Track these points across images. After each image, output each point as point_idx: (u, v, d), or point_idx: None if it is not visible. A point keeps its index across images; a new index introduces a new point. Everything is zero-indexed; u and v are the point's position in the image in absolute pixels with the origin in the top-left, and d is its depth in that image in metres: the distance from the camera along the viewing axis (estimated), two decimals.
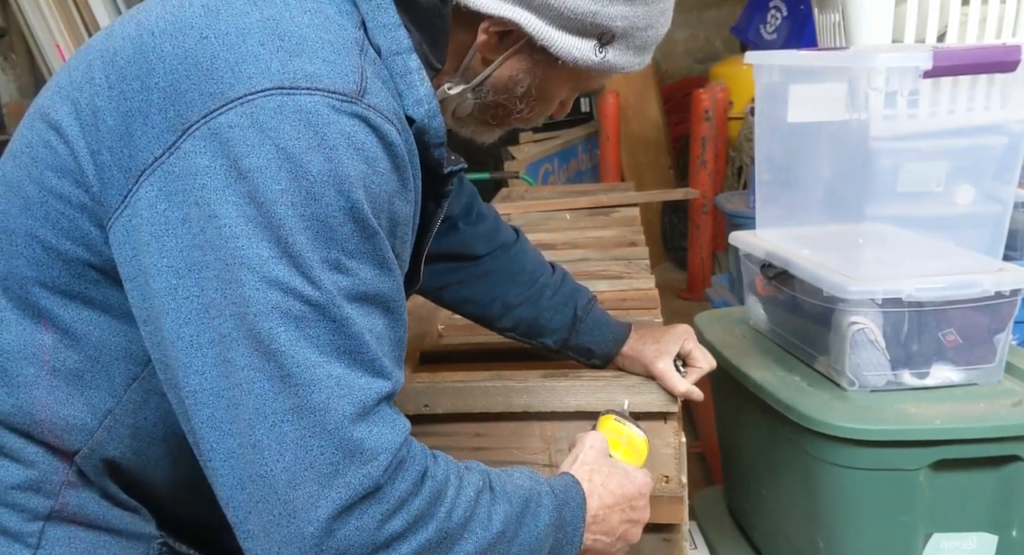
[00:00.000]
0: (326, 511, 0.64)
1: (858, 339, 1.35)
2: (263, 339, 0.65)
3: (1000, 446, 1.28)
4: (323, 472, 0.65)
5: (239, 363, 0.65)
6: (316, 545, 0.65)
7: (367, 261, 0.69)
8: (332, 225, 0.67)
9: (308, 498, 0.64)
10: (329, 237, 0.67)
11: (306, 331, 0.65)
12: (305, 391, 0.65)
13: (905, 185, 1.38)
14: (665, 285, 4.04)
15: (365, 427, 0.66)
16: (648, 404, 1.11)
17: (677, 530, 1.15)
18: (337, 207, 0.67)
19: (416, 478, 0.69)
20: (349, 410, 0.66)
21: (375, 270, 0.70)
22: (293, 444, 0.64)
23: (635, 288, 1.56)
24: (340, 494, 0.65)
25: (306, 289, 0.65)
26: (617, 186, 3.08)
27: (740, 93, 3.92)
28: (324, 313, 0.66)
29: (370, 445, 0.66)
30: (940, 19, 1.82)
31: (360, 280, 0.68)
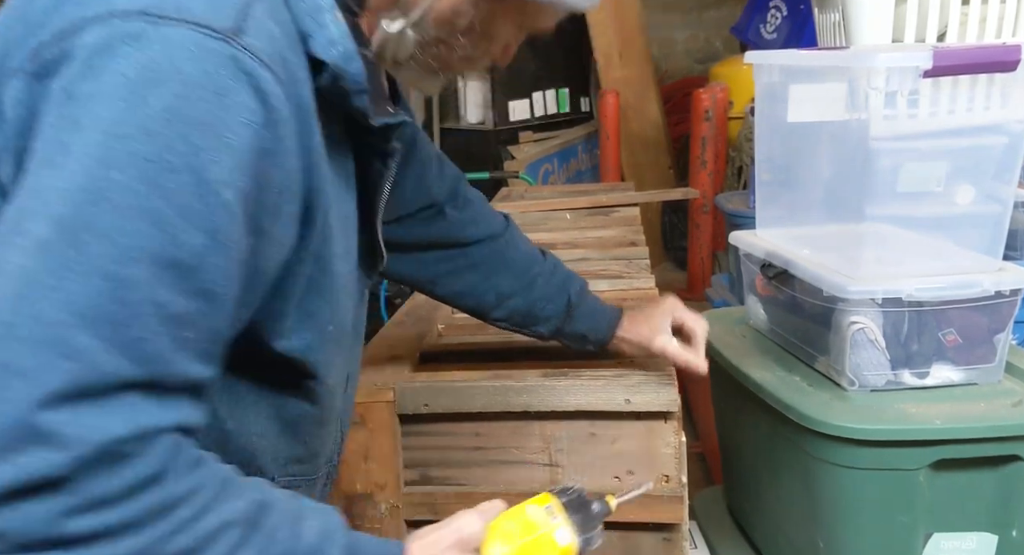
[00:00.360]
0: None
1: (858, 339, 1.35)
2: (10, 274, 0.56)
3: (1000, 446, 1.28)
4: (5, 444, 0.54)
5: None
6: None
7: (193, 224, 0.59)
8: (160, 169, 0.58)
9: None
10: (154, 183, 0.58)
11: (65, 282, 0.55)
12: (17, 347, 0.54)
13: (905, 185, 1.38)
14: (665, 285, 4.03)
15: (71, 410, 0.55)
16: (648, 404, 1.11)
17: (677, 530, 1.15)
18: (173, 152, 0.58)
19: (135, 481, 0.57)
20: (57, 385, 0.54)
21: (202, 238, 0.60)
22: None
23: (635, 288, 1.56)
24: (12, 470, 0.54)
25: (80, 236, 0.56)
26: (617, 186, 3.08)
27: (740, 93, 3.92)
28: (97, 266, 0.56)
29: (65, 431, 0.54)
30: (940, 19, 1.82)
31: (176, 242, 0.59)
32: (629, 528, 1.16)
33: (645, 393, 1.11)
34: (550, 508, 0.78)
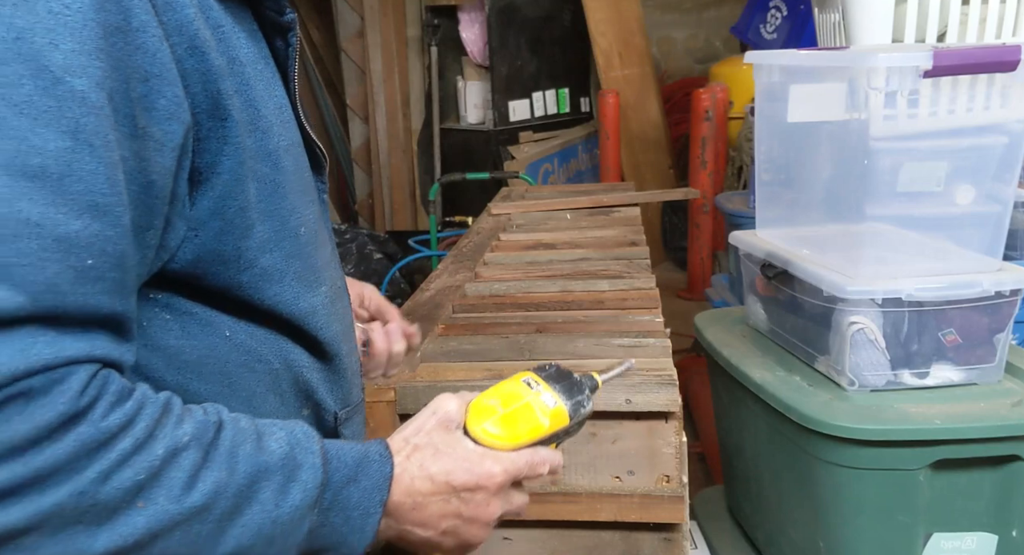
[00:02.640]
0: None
1: (858, 339, 1.35)
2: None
3: (1000, 446, 1.28)
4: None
5: None
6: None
7: (43, 123, 0.50)
8: None
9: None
10: None
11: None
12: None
13: (905, 185, 1.38)
14: (665, 285, 4.03)
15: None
16: (649, 404, 1.11)
17: (678, 530, 1.15)
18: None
19: (52, 420, 0.49)
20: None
21: (60, 139, 0.51)
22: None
23: (636, 288, 1.56)
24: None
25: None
26: (617, 186, 3.08)
27: (740, 93, 3.92)
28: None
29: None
30: (940, 19, 1.82)
31: (28, 146, 0.50)
32: (630, 528, 1.16)
33: (646, 393, 1.12)
34: (527, 381, 0.74)
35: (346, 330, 0.80)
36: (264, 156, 0.66)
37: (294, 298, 0.70)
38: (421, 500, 0.68)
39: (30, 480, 0.48)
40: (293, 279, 0.70)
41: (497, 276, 1.71)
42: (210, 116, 0.61)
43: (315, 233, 0.74)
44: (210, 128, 0.61)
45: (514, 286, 1.62)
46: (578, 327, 1.38)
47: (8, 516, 0.48)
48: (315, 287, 0.73)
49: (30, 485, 0.48)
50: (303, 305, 0.71)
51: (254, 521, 0.58)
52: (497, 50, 4.38)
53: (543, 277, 1.67)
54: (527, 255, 1.88)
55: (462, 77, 4.67)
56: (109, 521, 0.52)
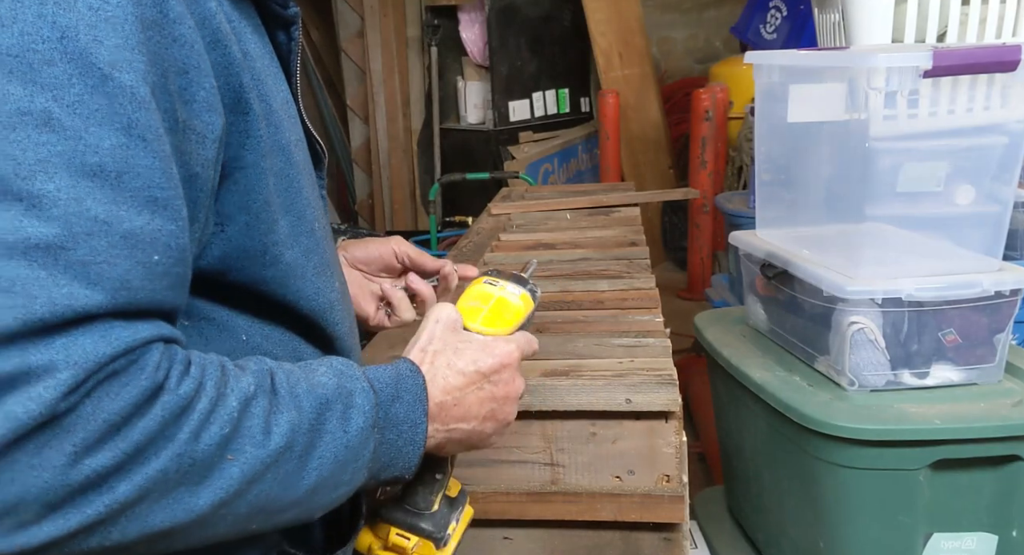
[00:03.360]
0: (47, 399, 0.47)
1: (858, 339, 1.35)
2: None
3: (1000, 446, 1.28)
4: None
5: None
6: None
7: (98, 121, 0.51)
8: (32, 63, 0.49)
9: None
10: (31, 80, 0.49)
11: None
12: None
13: (905, 185, 1.38)
14: (665, 285, 4.03)
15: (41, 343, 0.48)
16: (649, 403, 1.11)
17: (678, 529, 1.15)
18: (39, 39, 0.49)
19: (139, 396, 0.51)
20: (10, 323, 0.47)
21: (115, 137, 0.51)
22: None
23: (635, 288, 1.56)
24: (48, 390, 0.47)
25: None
26: (617, 186, 3.08)
27: (740, 93, 3.92)
28: (6, 188, 0.48)
29: (38, 361, 0.48)
30: (940, 19, 1.82)
31: (84, 146, 0.50)
32: (630, 528, 1.16)
33: (646, 393, 1.12)
34: (488, 282, 0.84)
35: (353, 326, 0.82)
36: (278, 150, 0.66)
37: (315, 293, 0.71)
38: (459, 395, 0.72)
39: (132, 453, 0.51)
40: (313, 274, 0.71)
41: None
42: (233, 110, 0.62)
43: (325, 228, 0.75)
44: (232, 122, 0.62)
45: None
46: (578, 327, 1.38)
47: (120, 490, 0.50)
48: (331, 282, 0.74)
49: (133, 458, 0.51)
50: (322, 300, 0.72)
51: (329, 451, 0.61)
52: (497, 50, 4.38)
53: (543, 277, 1.67)
54: (527, 255, 1.88)
55: (462, 77, 4.67)
56: (207, 477, 0.54)
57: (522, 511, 1.16)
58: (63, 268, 0.49)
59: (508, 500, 1.15)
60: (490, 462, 1.17)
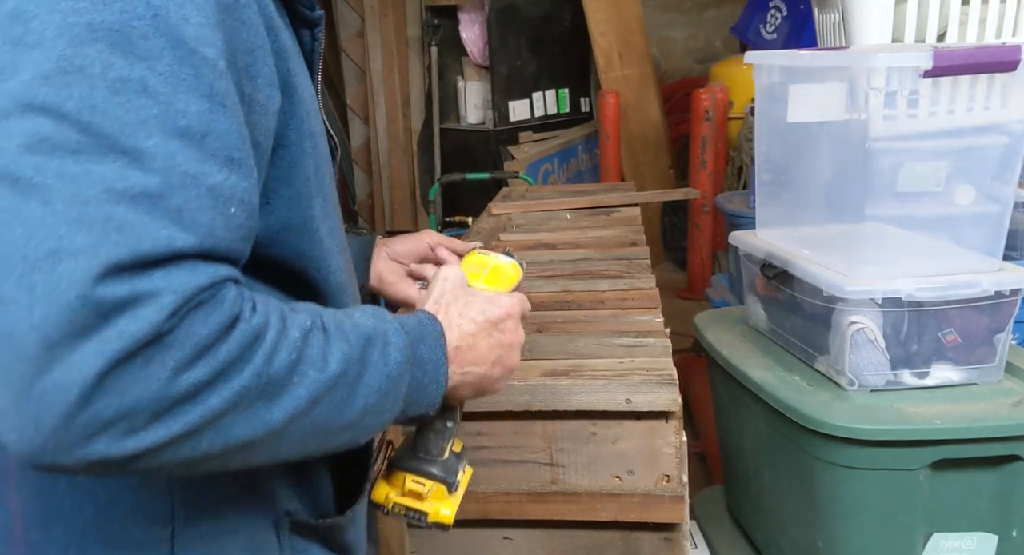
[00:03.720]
0: (93, 367, 0.53)
1: (858, 339, 1.35)
2: (21, 175, 0.54)
3: (1000, 446, 1.28)
4: (84, 324, 0.53)
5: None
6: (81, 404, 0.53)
7: (186, 89, 0.58)
8: (131, 37, 0.56)
9: (65, 354, 0.53)
10: (130, 52, 0.56)
11: (86, 165, 0.55)
12: (64, 230, 0.53)
13: (905, 185, 1.38)
14: (665, 285, 4.02)
15: (146, 274, 0.55)
16: (649, 403, 1.11)
17: (678, 529, 1.15)
18: (136, 16, 0.57)
19: (222, 323, 0.58)
20: (115, 258, 0.54)
21: (200, 103, 0.58)
22: (44, 296, 0.52)
23: (636, 288, 1.56)
24: (109, 346, 0.53)
25: (83, 116, 0.55)
26: (617, 186, 3.08)
27: (740, 93, 3.92)
28: (113, 143, 0.55)
29: (146, 288, 0.54)
30: (940, 19, 1.82)
31: (174, 110, 0.57)
32: (630, 528, 1.16)
33: (646, 393, 1.12)
34: (480, 253, 0.95)
35: None
36: (309, 136, 0.73)
37: (338, 270, 0.78)
38: (472, 340, 0.80)
39: (220, 371, 0.58)
40: (337, 253, 0.78)
41: None
42: (282, 91, 0.68)
43: (340, 214, 0.83)
44: (282, 102, 0.68)
45: None
46: (578, 327, 1.38)
47: (211, 403, 0.57)
48: (344, 264, 0.81)
49: (220, 375, 0.58)
50: (341, 279, 0.79)
51: (374, 380, 0.69)
52: (497, 50, 4.38)
53: (543, 277, 1.67)
54: (527, 255, 1.88)
55: (462, 77, 4.67)
56: (279, 396, 0.62)
57: (522, 511, 1.16)
58: (162, 213, 0.56)
59: (508, 500, 1.16)
60: (491, 462, 1.17)
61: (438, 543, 1.21)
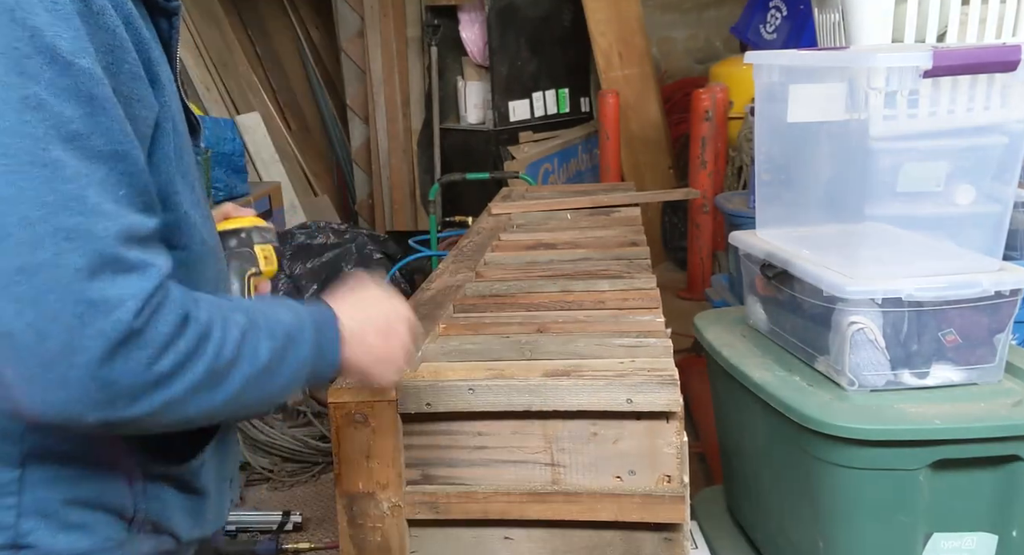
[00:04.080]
0: (87, 356, 0.66)
1: (858, 339, 1.36)
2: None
3: (1000, 446, 1.28)
4: (70, 324, 0.65)
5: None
6: (88, 386, 0.67)
7: (67, 98, 0.66)
8: (18, 58, 0.65)
9: (63, 348, 0.66)
10: (20, 71, 0.65)
11: (18, 184, 0.64)
12: (27, 249, 0.64)
13: (905, 185, 1.38)
14: (665, 285, 4.02)
15: (105, 278, 0.67)
16: (650, 404, 1.11)
17: (679, 529, 1.15)
18: (17, 39, 0.65)
19: (177, 321, 0.71)
20: (81, 263, 0.66)
21: (82, 107, 0.67)
22: (31, 302, 0.64)
23: (636, 288, 1.56)
24: (96, 343, 0.66)
25: (6, 137, 0.64)
26: (617, 186, 3.08)
27: (740, 93, 3.92)
28: (33, 160, 0.65)
29: (113, 294, 0.67)
30: (940, 19, 1.82)
31: (62, 118, 0.66)
32: (630, 528, 1.16)
33: (647, 393, 1.12)
34: (262, 241, 1.10)
35: (219, 272, 0.99)
36: (169, 118, 0.81)
37: (200, 241, 0.87)
38: (360, 330, 0.92)
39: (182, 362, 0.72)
40: (199, 224, 0.87)
41: (498, 276, 1.71)
42: (150, 82, 0.78)
43: (202, 187, 0.93)
44: (150, 89, 0.78)
45: (515, 286, 1.62)
46: (579, 327, 1.38)
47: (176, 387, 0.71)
48: (208, 234, 0.90)
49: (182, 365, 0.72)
50: (204, 248, 0.89)
51: (292, 365, 0.83)
52: (497, 50, 4.38)
53: (543, 277, 1.67)
54: (527, 255, 1.88)
55: (462, 77, 4.66)
56: (222, 383, 0.76)
57: (523, 511, 1.16)
58: (96, 213, 0.67)
59: (509, 500, 1.16)
60: (491, 462, 1.17)
61: (438, 544, 1.21)
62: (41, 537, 0.79)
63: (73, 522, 0.81)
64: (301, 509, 2.56)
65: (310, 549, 2.37)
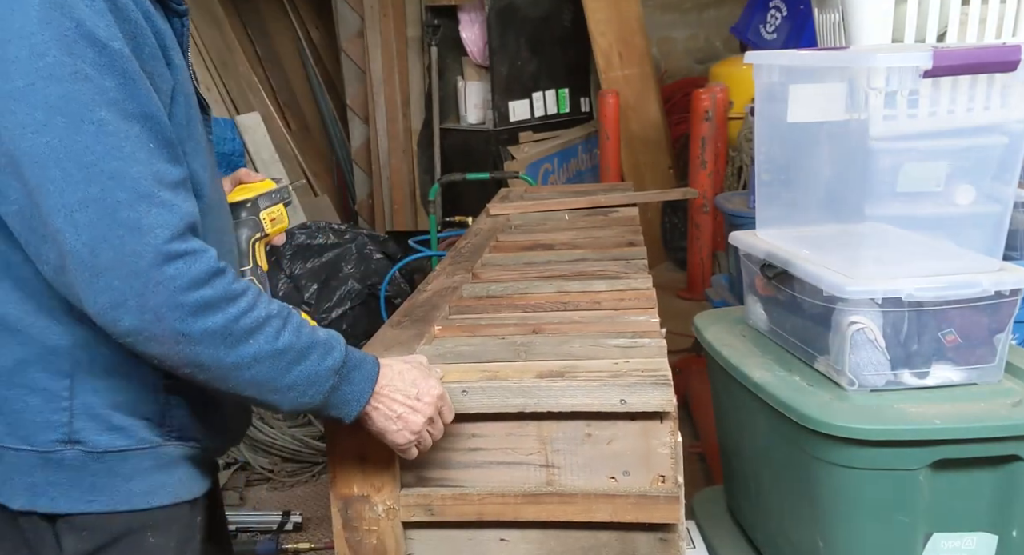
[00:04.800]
0: (126, 269, 0.85)
1: (858, 339, 1.35)
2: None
3: (1000, 446, 1.28)
4: (114, 244, 0.85)
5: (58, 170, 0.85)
6: (126, 293, 0.85)
7: (106, 72, 0.86)
8: (69, 43, 0.84)
9: (109, 262, 0.85)
10: (71, 52, 0.84)
11: (74, 137, 0.84)
12: (83, 186, 0.85)
13: (905, 185, 1.38)
14: (665, 285, 4.03)
15: (140, 209, 0.86)
16: (644, 404, 1.11)
17: (674, 530, 1.15)
18: (65, 28, 0.84)
19: (209, 270, 0.89)
20: (122, 197, 0.85)
21: (117, 80, 0.86)
22: (87, 227, 0.85)
23: (632, 288, 1.56)
24: (132, 260, 0.85)
25: (63, 102, 0.84)
26: (616, 186, 3.07)
27: (740, 93, 3.92)
28: (84, 118, 0.84)
29: (146, 222, 0.86)
30: (940, 19, 1.81)
31: (103, 87, 0.85)
32: (626, 528, 1.15)
33: (640, 393, 1.11)
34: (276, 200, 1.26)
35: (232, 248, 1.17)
36: (182, 92, 0.99)
37: (208, 195, 1.03)
38: (390, 392, 1.05)
39: (207, 303, 0.88)
40: (207, 183, 1.04)
41: (494, 277, 1.71)
42: (166, 63, 0.96)
43: (214, 162, 1.10)
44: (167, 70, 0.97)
45: (511, 287, 1.62)
46: (574, 328, 1.38)
47: (197, 326, 0.88)
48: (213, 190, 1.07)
49: (205, 308, 0.88)
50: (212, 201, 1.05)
51: (307, 368, 0.97)
52: (497, 50, 4.37)
53: (540, 278, 1.66)
54: (525, 256, 1.87)
55: (462, 77, 4.66)
56: (235, 346, 0.91)
57: (517, 512, 1.15)
58: (127, 160, 0.87)
59: (504, 502, 1.15)
60: (486, 464, 1.17)
61: (433, 546, 1.20)
62: (89, 435, 0.97)
63: (114, 424, 0.98)
64: (301, 509, 2.56)
65: (310, 549, 2.37)
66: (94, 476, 0.98)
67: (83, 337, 0.96)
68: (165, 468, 1.03)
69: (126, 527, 1.01)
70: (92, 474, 0.98)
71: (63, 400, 0.96)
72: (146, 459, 1.01)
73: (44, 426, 0.97)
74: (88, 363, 0.97)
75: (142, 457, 1.00)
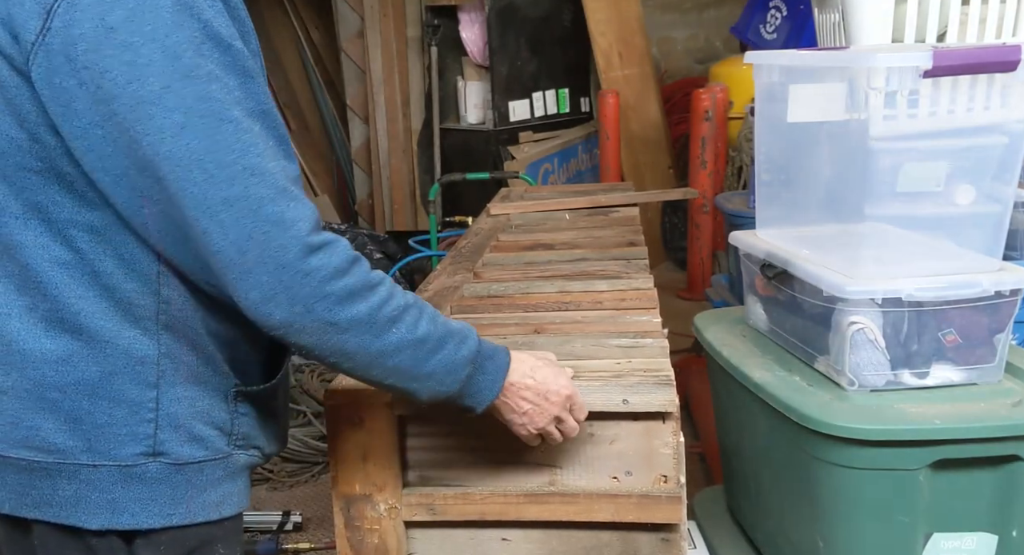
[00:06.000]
0: (274, 264, 0.85)
1: (858, 339, 1.35)
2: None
3: (1000, 446, 1.28)
4: (260, 241, 0.85)
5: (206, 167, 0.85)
6: (276, 287, 0.86)
7: (230, 70, 0.87)
8: (198, 44, 0.85)
9: (257, 259, 0.85)
10: (200, 52, 0.85)
11: (214, 137, 0.85)
12: (226, 185, 0.85)
13: (905, 185, 1.38)
14: (665, 285, 4.03)
15: (281, 203, 0.87)
16: (646, 404, 1.11)
17: (676, 530, 1.15)
18: (193, 29, 0.85)
19: (349, 258, 0.90)
20: (264, 193, 0.86)
21: (239, 78, 0.87)
22: (233, 225, 0.85)
23: (634, 288, 1.56)
24: (279, 254, 0.85)
25: (200, 103, 0.84)
26: (617, 186, 3.07)
27: (740, 93, 3.92)
28: (221, 118, 0.85)
29: (288, 216, 0.87)
30: (940, 19, 1.82)
31: (226, 85, 0.86)
32: (627, 528, 1.16)
33: (643, 393, 1.11)
34: None
35: None
36: (268, 85, 0.97)
37: None
38: (520, 387, 1.05)
39: (351, 291, 0.89)
40: None
41: (495, 277, 1.71)
42: (261, 57, 0.97)
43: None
44: None
45: (512, 287, 1.62)
46: (576, 327, 1.38)
47: (342, 314, 0.89)
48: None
49: (349, 297, 0.89)
50: None
51: (445, 356, 0.97)
52: (497, 50, 4.37)
53: (541, 277, 1.67)
54: (525, 255, 1.88)
55: (462, 77, 4.66)
56: (380, 334, 0.92)
57: (520, 512, 1.15)
58: (262, 156, 0.88)
59: (506, 501, 1.15)
60: (488, 463, 1.17)
61: (435, 545, 1.21)
62: (172, 446, 0.95)
63: (195, 434, 0.97)
64: (301, 509, 2.56)
65: (310, 549, 2.37)
66: (174, 488, 0.96)
67: (168, 346, 0.95)
68: (232, 477, 1.02)
69: (198, 540, 0.99)
70: (172, 486, 0.96)
71: (149, 411, 0.94)
72: (219, 469, 1.00)
73: (128, 439, 0.94)
74: (172, 372, 0.95)
75: (215, 467, 0.99)
